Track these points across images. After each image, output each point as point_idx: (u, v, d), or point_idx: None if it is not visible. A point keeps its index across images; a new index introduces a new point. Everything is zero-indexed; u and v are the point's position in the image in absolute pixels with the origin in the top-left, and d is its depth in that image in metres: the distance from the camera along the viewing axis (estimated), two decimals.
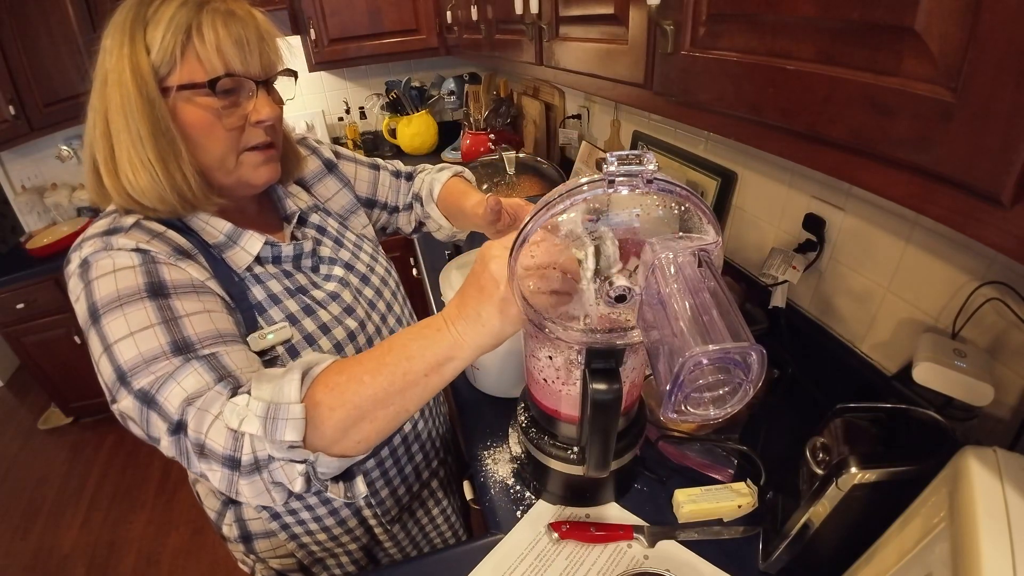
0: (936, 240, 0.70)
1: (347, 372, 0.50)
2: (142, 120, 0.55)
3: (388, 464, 0.81)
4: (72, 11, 1.95)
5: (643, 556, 0.70)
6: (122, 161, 0.57)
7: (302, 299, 0.69)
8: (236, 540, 0.79)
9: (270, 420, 0.47)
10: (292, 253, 0.70)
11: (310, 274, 0.73)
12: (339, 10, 2.15)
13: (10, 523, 2.11)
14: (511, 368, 0.93)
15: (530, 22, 1.07)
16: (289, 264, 0.70)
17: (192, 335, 0.53)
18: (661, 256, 0.44)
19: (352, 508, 0.80)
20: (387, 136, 2.65)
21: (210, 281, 0.60)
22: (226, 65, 0.56)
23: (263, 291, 0.66)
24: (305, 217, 0.77)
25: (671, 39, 0.62)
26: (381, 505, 0.83)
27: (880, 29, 0.38)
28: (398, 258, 2.31)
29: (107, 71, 0.55)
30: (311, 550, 0.81)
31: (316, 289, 0.72)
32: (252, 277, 0.66)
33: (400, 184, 0.95)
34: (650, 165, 0.44)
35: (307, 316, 0.68)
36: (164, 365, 0.51)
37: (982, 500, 0.40)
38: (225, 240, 0.64)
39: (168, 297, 0.54)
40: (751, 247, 1.08)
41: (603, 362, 0.56)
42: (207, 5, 0.56)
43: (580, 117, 1.85)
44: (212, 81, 0.56)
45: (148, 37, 0.54)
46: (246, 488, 0.49)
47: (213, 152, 0.60)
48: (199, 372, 0.51)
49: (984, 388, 0.58)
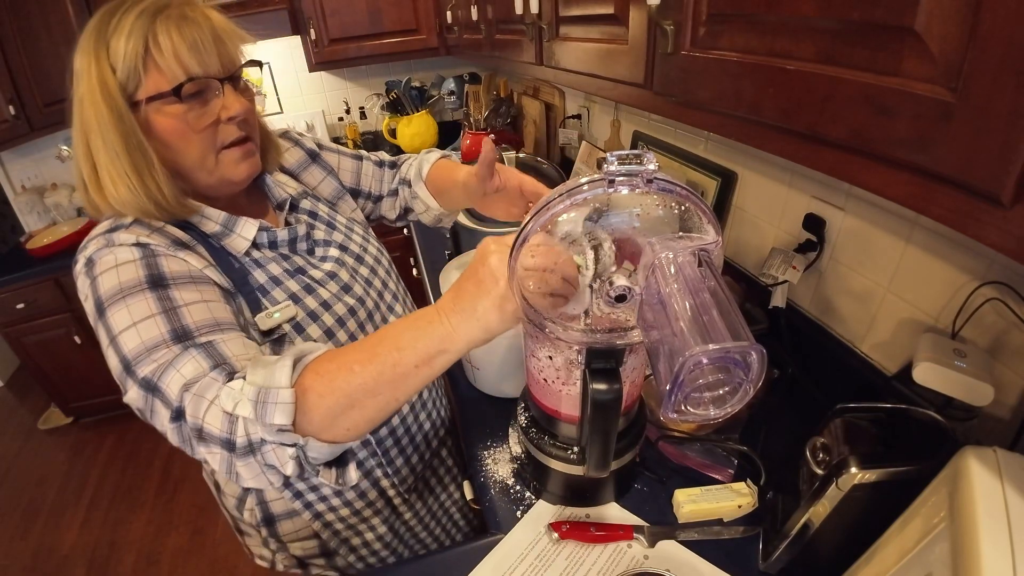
0: (936, 240, 0.70)
1: (338, 360, 0.51)
2: (116, 136, 0.58)
3: (400, 432, 0.84)
4: (72, 11, 1.95)
5: (643, 556, 0.70)
6: (104, 177, 0.59)
7: (302, 279, 0.72)
8: (259, 524, 0.81)
9: (260, 404, 0.48)
10: (287, 237, 0.73)
11: (306, 256, 0.75)
12: (339, 10, 2.15)
13: (10, 523, 2.11)
14: (511, 368, 0.93)
15: (530, 22, 1.07)
16: (286, 248, 0.73)
17: (190, 323, 0.55)
18: (661, 256, 0.44)
19: (371, 479, 0.82)
20: (387, 136, 2.65)
21: (208, 269, 0.62)
22: (186, 70, 0.58)
23: (264, 274, 0.69)
24: (296, 203, 0.79)
25: (671, 39, 0.62)
26: (397, 474, 0.85)
27: (880, 29, 0.38)
28: (398, 258, 2.31)
29: (81, 94, 0.58)
30: (336, 528, 0.83)
31: (314, 269, 0.74)
32: (252, 262, 0.68)
33: (384, 173, 0.97)
34: (650, 165, 0.44)
35: (308, 295, 0.71)
36: (164, 353, 0.53)
37: (982, 500, 0.40)
38: (222, 229, 0.67)
39: (167, 288, 0.56)
40: (751, 247, 1.08)
41: (603, 362, 0.56)
42: (160, 15, 0.57)
43: (580, 117, 1.85)
44: (176, 88, 0.58)
45: (111, 56, 0.57)
46: (243, 470, 0.51)
47: (193, 155, 0.63)
48: (197, 359, 0.53)
49: (984, 388, 0.58)
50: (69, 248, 2.17)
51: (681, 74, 0.63)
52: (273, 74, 2.54)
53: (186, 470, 2.26)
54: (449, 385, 1.08)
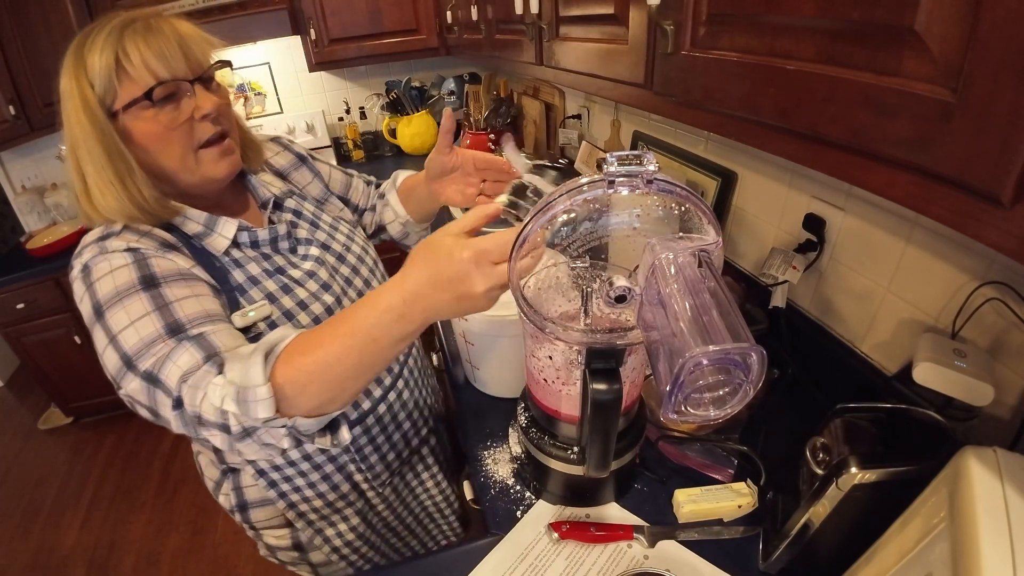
0: (936, 240, 0.70)
1: (309, 347, 0.53)
2: (99, 147, 0.62)
3: (375, 431, 0.86)
4: (72, 11, 1.95)
5: (643, 556, 0.70)
6: (92, 188, 0.63)
7: (280, 279, 0.74)
8: (233, 510, 0.84)
9: (242, 402, 0.51)
10: (268, 237, 0.75)
11: (288, 255, 0.77)
12: (339, 10, 2.15)
13: (10, 523, 2.11)
14: (511, 368, 0.93)
15: (530, 22, 1.07)
16: (268, 247, 0.76)
17: (182, 317, 0.59)
18: (661, 256, 0.44)
19: (344, 473, 0.84)
20: (387, 136, 2.65)
21: (195, 268, 0.66)
22: (155, 75, 0.62)
23: (243, 273, 0.71)
24: (280, 202, 0.81)
25: (671, 39, 0.62)
26: (371, 469, 0.87)
27: (880, 29, 0.38)
28: (398, 258, 2.31)
29: (68, 112, 0.62)
30: (309, 519, 0.85)
31: (294, 269, 0.76)
32: (232, 261, 0.71)
33: (370, 190, 1.03)
34: (650, 165, 0.44)
35: (285, 294, 0.73)
36: (162, 347, 0.57)
37: (982, 500, 0.40)
38: (204, 229, 0.70)
39: (159, 286, 0.60)
40: (751, 247, 1.08)
41: (603, 362, 0.56)
42: (127, 29, 0.61)
43: (580, 117, 1.84)
44: (147, 92, 0.62)
45: (89, 73, 0.61)
46: (244, 448, 0.55)
47: (172, 156, 0.66)
48: (191, 351, 0.56)
49: (984, 388, 0.58)
50: (69, 248, 2.17)
51: (681, 74, 0.63)
52: (273, 74, 2.54)
53: (186, 470, 2.26)
54: (448, 384, 1.08)
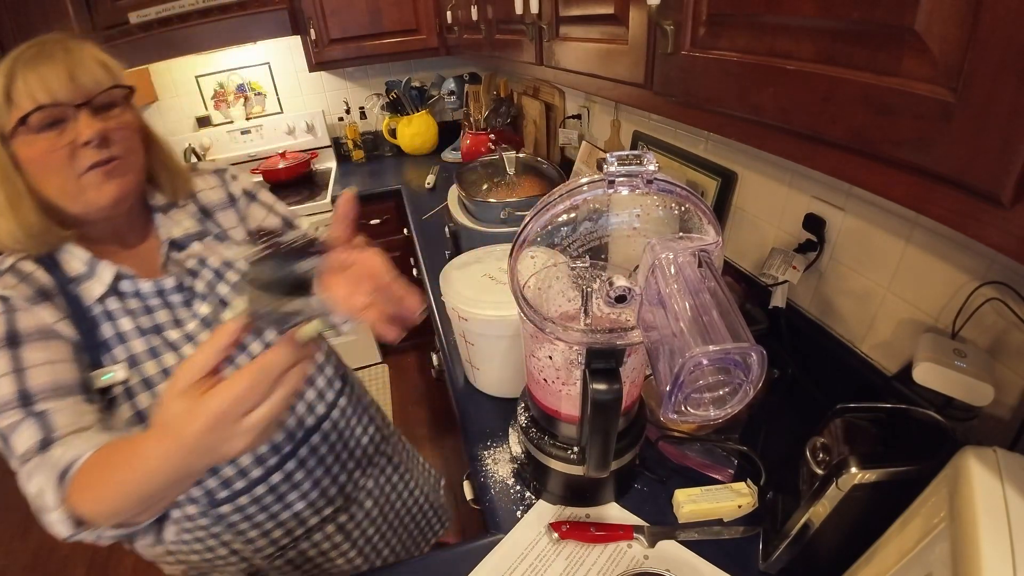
0: (936, 240, 0.70)
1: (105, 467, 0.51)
2: None
3: (252, 510, 0.78)
4: (72, 11, 1.94)
5: (643, 556, 0.70)
6: None
7: (153, 339, 0.68)
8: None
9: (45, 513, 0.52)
10: (153, 289, 0.70)
11: (177, 310, 0.71)
12: (339, 10, 2.15)
13: (10, 523, 2.11)
14: (511, 368, 0.93)
15: (530, 22, 1.07)
16: (154, 299, 0.70)
17: (32, 387, 0.58)
18: (661, 256, 0.44)
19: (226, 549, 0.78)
20: (387, 136, 2.65)
21: (61, 323, 0.63)
22: (33, 100, 0.60)
23: (112, 328, 0.66)
24: (183, 245, 0.74)
25: (671, 39, 0.62)
26: (251, 544, 0.80)
27: (880, 29, 0.38)
28: (398, 258, 2.31)
29: None
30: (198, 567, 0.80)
31: (175, 329, 0.70)
32: (104, 313, 0.67)
33: None
34: (650, 165, 0.45)
35: (151, 359, 0.67)
36: (12, 414, 0.56)
37: (982, 500, 0.40)
38: (87, 271, 0.67)
39: (20, 346, 0.59)
40: (751, 247, 1.08)
41: (603, 362, 0.56)
42: (24, 54, 0.61)
43: (580, 117, 1.84)
44: (22, 118, 0.59)
45: None
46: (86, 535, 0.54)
47: (54, 182, 0.63)
48: (32, 430, 0.56)
49: (984, 388, 0.58)
50: None
51: (681, 74, 0.63)
52: (273, 74, 2.54)
53: None
54: (448, 384, 1.08)
